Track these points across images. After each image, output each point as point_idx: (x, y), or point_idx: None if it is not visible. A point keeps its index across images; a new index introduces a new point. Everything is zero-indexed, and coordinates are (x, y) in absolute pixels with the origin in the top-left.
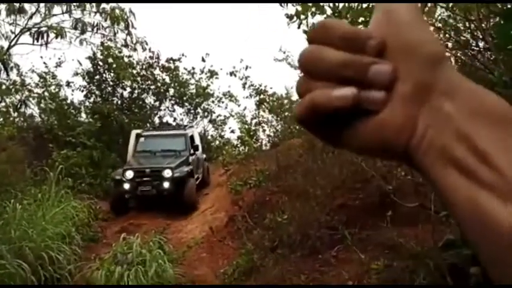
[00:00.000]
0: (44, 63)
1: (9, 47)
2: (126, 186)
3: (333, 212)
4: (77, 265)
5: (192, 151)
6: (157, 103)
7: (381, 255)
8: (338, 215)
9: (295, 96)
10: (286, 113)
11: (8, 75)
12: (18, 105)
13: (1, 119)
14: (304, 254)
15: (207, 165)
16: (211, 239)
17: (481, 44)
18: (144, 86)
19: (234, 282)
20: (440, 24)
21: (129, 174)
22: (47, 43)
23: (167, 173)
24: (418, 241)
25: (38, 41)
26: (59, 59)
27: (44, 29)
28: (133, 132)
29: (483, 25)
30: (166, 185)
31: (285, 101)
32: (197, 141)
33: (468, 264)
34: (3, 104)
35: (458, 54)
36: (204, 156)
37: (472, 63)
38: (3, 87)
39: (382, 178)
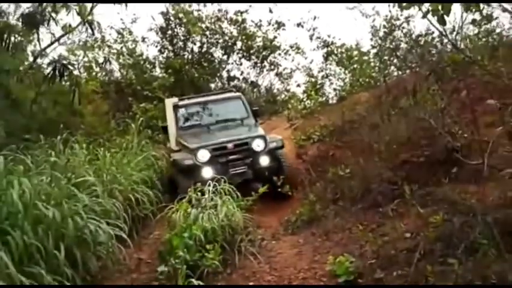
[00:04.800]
0: (121, 19)
1: (92, 7)
2: (207, 172)
3: (396, 167)
4: (158, 207)
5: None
6: (225, 57)
7: (440, 210)
8: (401, 170)
9: (365, 47)
10: (355, 65)
11: (93, 34)
12: (103, 63)
13: (85, 74)
14: (365, 207)
15: None
16: (276, 190)
17: None
18: (212, 40)
19: (296, 229)
20: None
21: (203, 155)
22: (126, 3)
23: (257, 145)
24: (480, 198)
25: (117, 2)
26: (134, 14)
27: None
28: (168, 102)
29: None
30: (264, 161)
31: (355, 53)
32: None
33: None
34: (86, 59)
35: None
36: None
37: None
38: (88, 44)
39: (450, 135)
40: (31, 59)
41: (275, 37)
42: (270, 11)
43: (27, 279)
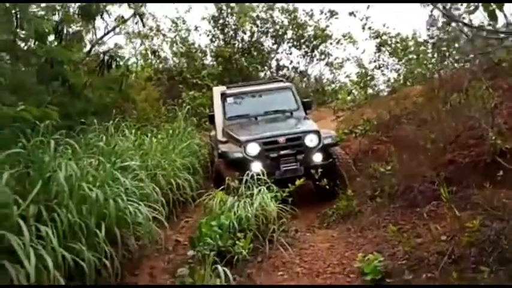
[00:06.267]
0: (176, 8)
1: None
2: (256, 166)
3: (440, 167)
4: (198, 192)
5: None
6: (275, 46)
7: (479, 215)
8: (445, 170)
9: (422, 37)
10: (411, 56)
11: (144, 26)
12: (154, 53)
13: (142, 61)
14: (403, 206)
15: None
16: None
17: None
18: (263, 29)
19: (331, 222)
20: None
21: (253, 148)
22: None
23: (310, 140)
24: None
25: None
26: (188, 4)
27: None
28: (216, 91)
29: None
30: (317, 158)
31: (410, 43)
32: None
33: None
34: (142, 47)
35: None
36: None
37: None
38: (143, 33)
39: (500, 136)
40: (89, 46)
41: (327, 26)
42: None
43: (69, 254)
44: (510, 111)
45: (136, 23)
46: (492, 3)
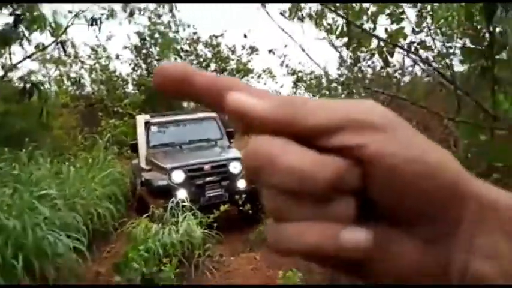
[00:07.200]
0: (96, 36)
1: (67, 27)
2: (181, 194)
3: None
4: (120, 221)
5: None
6: None
7: None
8: None
9: (333, 75)
10: (324, 91)
11: (65, 54)
12: (74, 80)
13: (56, 88)
14: None
15: None
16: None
17: None
18: (187, 61)
19: (254, 246)
20: None
21: (178, 176)
22: (99, 28)
23: (234, 167)
24: None
25: (91, 26)
26: (110, 32)
27: (97, 16)
28: (140, 119)
29: None
30: (240, 184)
31: (323, 80)
32: None
33: None
34: (57, 72)
35: None
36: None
37: None
38: (59, 60)
39: None
40: (2, 72)
41: (248, 61)
42: (245, 36)
43: None
44: None
45: (58, 49)
46: (385, 51)
